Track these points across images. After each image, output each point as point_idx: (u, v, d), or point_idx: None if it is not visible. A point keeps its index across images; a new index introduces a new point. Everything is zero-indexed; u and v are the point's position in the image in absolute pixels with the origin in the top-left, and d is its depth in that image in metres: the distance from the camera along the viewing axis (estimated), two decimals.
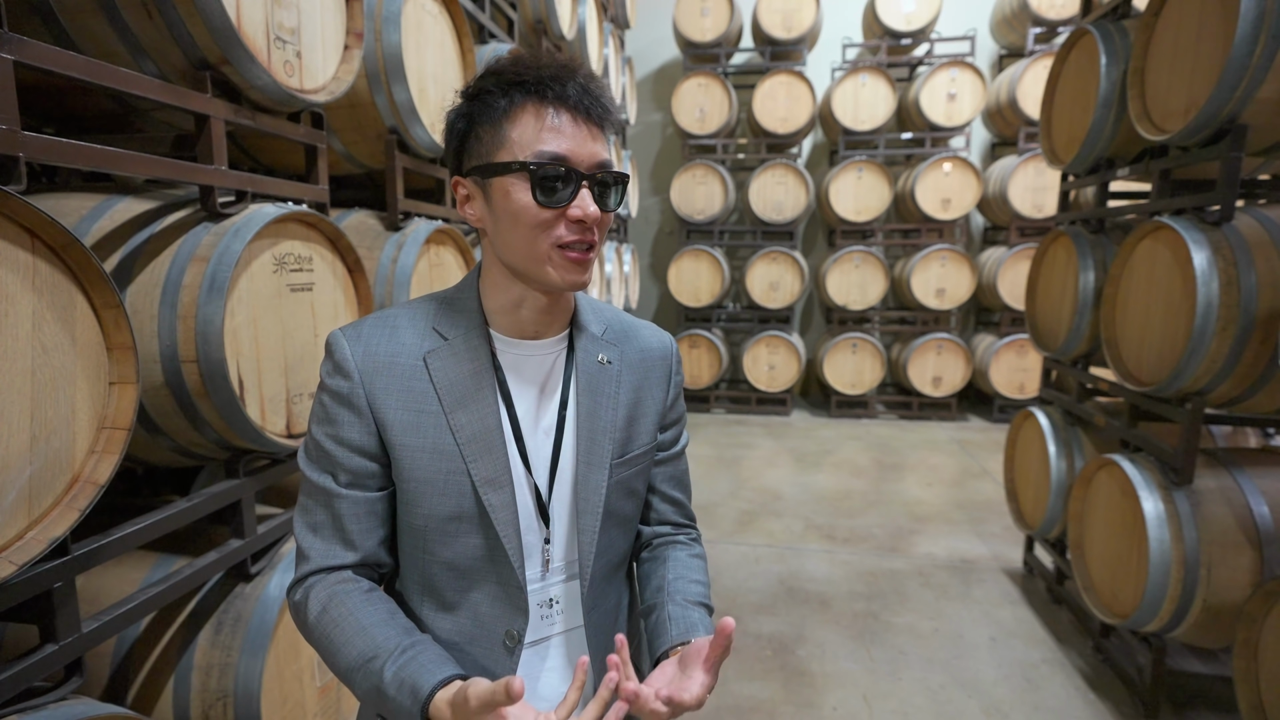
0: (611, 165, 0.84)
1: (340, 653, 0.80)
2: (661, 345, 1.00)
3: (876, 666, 2.77)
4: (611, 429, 0.91)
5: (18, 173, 1.13)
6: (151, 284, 1.51)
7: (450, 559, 0.86)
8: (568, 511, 0.90)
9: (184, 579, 1.53)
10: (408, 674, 0.75)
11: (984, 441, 6.15)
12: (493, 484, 0.84)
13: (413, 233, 2.41)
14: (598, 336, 0.95)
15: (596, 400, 0.91)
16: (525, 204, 0.79)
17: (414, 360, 0.86)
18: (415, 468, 0.85)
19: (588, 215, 0.80)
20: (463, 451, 0.84)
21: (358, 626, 0.80)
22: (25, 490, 1.12)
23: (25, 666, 1.16)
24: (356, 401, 0.84)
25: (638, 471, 0.95)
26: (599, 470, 0.89)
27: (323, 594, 0.83)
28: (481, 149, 0.83)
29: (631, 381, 0.95)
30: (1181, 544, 2.26)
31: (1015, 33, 6.85)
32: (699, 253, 7.08)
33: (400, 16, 2.25)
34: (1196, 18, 2.26)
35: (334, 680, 1.94)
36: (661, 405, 0.98)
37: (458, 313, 0.90)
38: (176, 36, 1.49)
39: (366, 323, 0.89)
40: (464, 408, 0.85)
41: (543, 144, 0.79)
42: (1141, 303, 2.55)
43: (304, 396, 1.81)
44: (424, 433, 0.85)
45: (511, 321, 0.89)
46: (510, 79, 0.81)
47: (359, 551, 0.86)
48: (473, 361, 0.87)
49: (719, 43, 7.04)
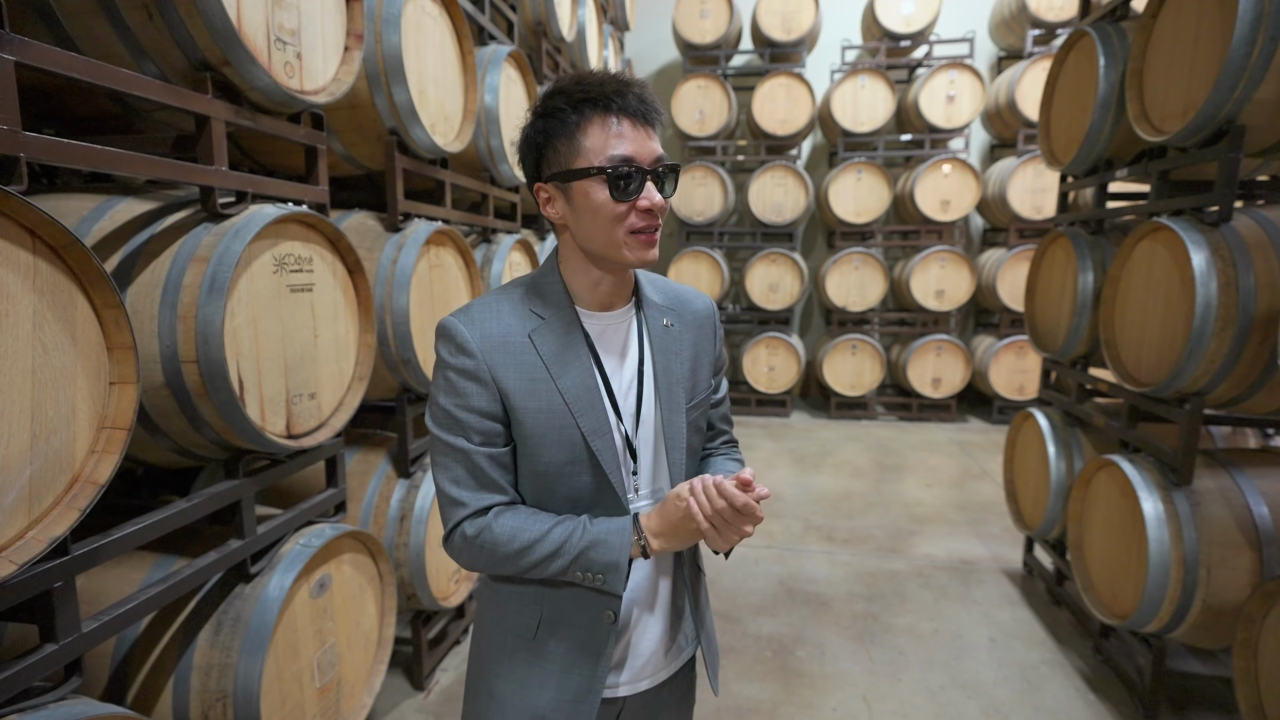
0: (666, 158, 0.99)
1: (540, 543, 0.99)
2: (706, 307, 1.19)
3: (876, 667, 2.77)
4: (682, 380, 1.10)
5: (19, 173, 1.13)
6: (152, 284, 1.51)
7: (568, 494, 1.05)
8: (650, 449, 1.09)
9: (184, 579, 1.53)
10: (604, 526, 1.00)
11: (983, 442, 6.15)
12: (597, 433, 1.02)
13: (413, 234, 2.41)
14: (660, 305, 1.13)
15: (669, 358, 1.10)
16: (603, 201, 0.95)
17: (521, 338, 1.02)
18: (536, 425, 1.01)
19: (654, 204, 0.96)
20: (571, 409, 1.01)
21: (544, 523, 1.00)
22: (25, 490, 1.12)
23: (25, 666, 1.16)
24: (482, 375, 1.00)
25: (702, 412, 1.15)
26: (679, 414, 1.09)
27: (505, 520, 1.01)
28: (559, 158, 0.98)
29: (690, 339, 1.14)
30: (1181, 545, 2.26)
31: (1014, 34, 6.87)
32: (698, 254, 7.08)
33: (400, 18, 2.26)
34: (1194, 19, 2.27)
35: (333, 681, 1.93)
36: (711, 355, 1.18)
37: (547, 295, 1.06)
38: (177, 37, 1.49)
39: (473, 308, 1.05)
40: (567, 373, 1.02)
41: (612, 149, 0.94)
42: (1140, 304, 2.56)
43: (304, 397, 1.81)
44: (539, 396, 1.01)
45: (593, 298, 1.07)
46: (579, 96, 0.95)
47: (504, 493, 1.04)
48: (568, 335, 1.04)
49: (718, 45, 7.05)
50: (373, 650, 2.15)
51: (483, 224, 3.25)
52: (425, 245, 2.45)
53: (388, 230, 2.47)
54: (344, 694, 1.99)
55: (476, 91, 2.85)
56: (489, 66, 3.02)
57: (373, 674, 2.15)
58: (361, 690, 2.10)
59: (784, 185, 6.96)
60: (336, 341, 1.94)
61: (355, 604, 2.04)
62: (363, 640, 2.09)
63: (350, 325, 2.01)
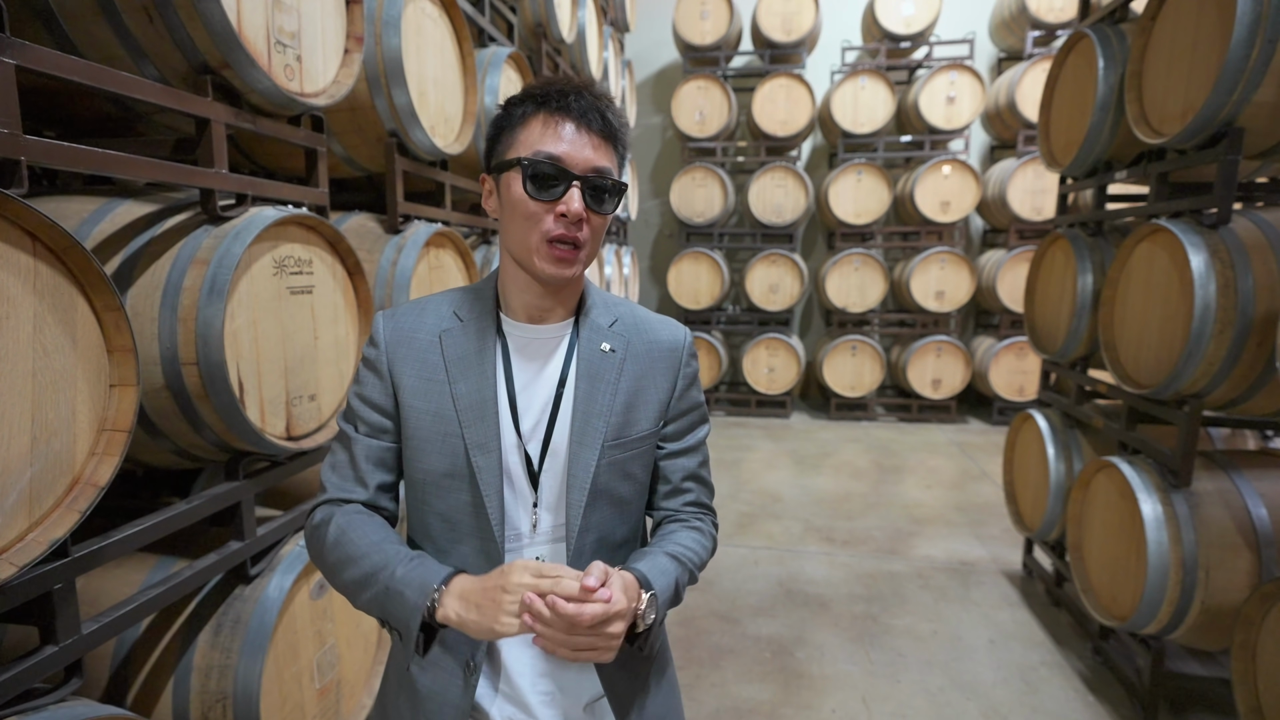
0: (609, 173, 0.92)
1: (356, 563, 0.91)
2: (672, 338, 1.06)
3: (875, 669, 2.77)
4: (607, 412, 0.98)
5: (19, 176, 1.13)
6: (152, 287, 1.52)
7: (443, 510, 0.98)
8: (558, 482, 0.98)
9: (183, 581, 1.53)
10: (418, 572, 0.89)
11: (983, 444, 6.15)
12: (481, 448, 0.95)
13: (413, 235, 2.42)
14: (604, 327, 1.02)
15: (594, 384, 0.99)
16: (519, 195, 0.90)
17: (431, 337, 0.99)
18: (420, 427, 0.97)
19: (570, 211, 0.89)
20: (460, 417, 0.95)
21: (371, 542, 0.92)
22: (26, 492, 1.13)
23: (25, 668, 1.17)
24: (380, 366, 0.99)
25: (634, 456, 1.01)
26: (590, 449, 0.97)
27: (341, 519, 0.95)
28: (500, 150, 0.95)
29: (634, 371, 1.01)
30: (1180, 546, 2.26)
31: (1014, 36, 6.87)
32: (699, 255, 7.08)
33: (400, 20, 2.26)
34: (1193, 21, 2.27)
35: (333, 681, 1.94)
36: (666, 395, 1.04)
37: (477, 299, 1.02)
38: (177, 40, 1.49)
39: (403, 306, 1.04)
40: (465, 379, 0.97)
41: (542, 145, 0.90)
42: (1139, 305, 2.56)
43: (304, 399, 1.82)
44: (430, 398, 0.97)
45: (520, 306, 1.00)
46: (533, 93, 0.92)
47: (366, 490, 0.99)
48: (479, 340, 0.99)
49: (718, 46, 7.05)
50: (372, 651, 2.16)
51: (483, 225, 3.25)
52: (425, 247, 2.46)
53: (388, 232, 2.48)
54: (344, 694, 1.99)
55: (476, 93, 2.85)
56: (489, 68, 3.03)
57: (372, 675, 2.15)
58: (361, 691, 2.10)
59: (784, 186, 6.96)
60: (336, 343, 1.95)
61: None
62: (362, 641, 2.10)
63: (350, 327, 2.01)
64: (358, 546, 0.92)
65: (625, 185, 0.96)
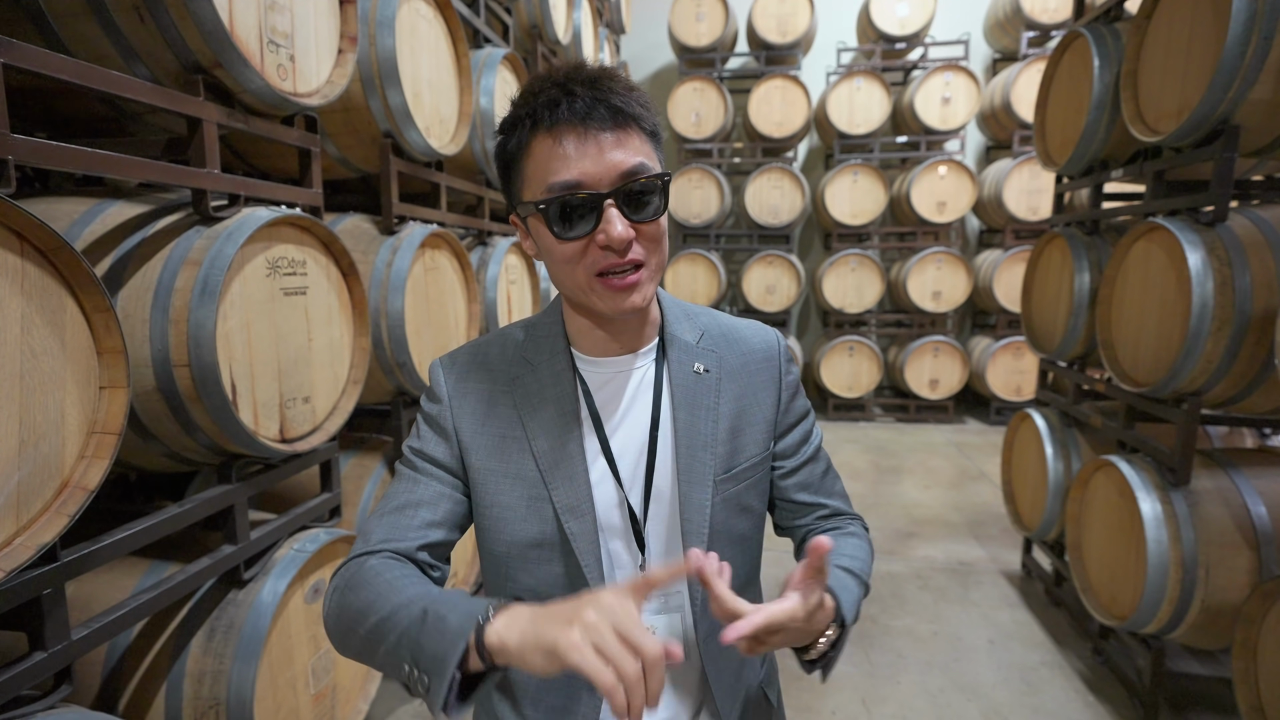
0: (643, 170, 0.76)
1: (383, 599, 0.72)
2: (766, 345, 0.93)
3: (875, 670, 2.76)
4: (712, 442, 0.85)
5: (7, 176, 1.12)
6: (143, 288, 1.50)
7: (532, 585, 0.84)
8: (665, 533, 0.85)
9: (176, 585, 1.52)
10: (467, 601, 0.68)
11: (981, 444, 6.15)
12: (574, 511, 0.82)
13: (407, 237, 2.40)
14: (692, 344, 0.90)
15: (694, 413, 0.86)
16: (550, 243, 0.77)
17: (499, 387, 0.87)
18: (498, 493, 0.84)
19: (613, 240, 0.74)
20: (544, 478, 0.82)
21: (401, 577, 0.75)
22: (13, 496, 1.11)
23: (14, 674, 1.15)
24: (444, 423, 0.86)
25: (749, 485, 0.88)
26: (701, 487, 0.84)
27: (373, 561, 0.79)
28: (515, 188, 0.81)
29: (733, 390, 0.89)
30: (1179, 545, 2.26)
31: (1009, 36, 6.89)
32: (695, 256, 7.08)
33: (395, 21, 2.25)
34: (1188, 20, 2.27)
35: (328, 687, 1.92)
36: (772, 412, 0.91)
37: (542, 338, 0.89)
38: (168, 40, 1.48)
39: (463, 349, 0.92)
40: (546, 434, 0.84)
41: (552, 175, 0.74)
42: (1137, 304, 2.56)
43: (298, 401, 1.80)
44: (507, 457, 0.84)
45: (592, 342, 0.87)
46: (521, 113, 0.78)
47: (413, 543, 0.82)
48: (555, 387, 0.86)
49: (714, 47, 7.06)
50: None
51: (478, 227, 3.24)
52: (420, 248, 2.44)
53: (382, 233, 2.47)
54: (339, 700, 1.98)
55: (471, 94, 2.84)
56: (484, 69, 3.02)
57: (368, 680, 2.13)
58: (357, 696, 2.08)
59: (780, 187, 6.96)
60: (331, 345, 1.93)
61: None
62: None
63: (345, 329, 2.00)
64: (387, 584, 0.74)
65: (667, 176, 0.79)
